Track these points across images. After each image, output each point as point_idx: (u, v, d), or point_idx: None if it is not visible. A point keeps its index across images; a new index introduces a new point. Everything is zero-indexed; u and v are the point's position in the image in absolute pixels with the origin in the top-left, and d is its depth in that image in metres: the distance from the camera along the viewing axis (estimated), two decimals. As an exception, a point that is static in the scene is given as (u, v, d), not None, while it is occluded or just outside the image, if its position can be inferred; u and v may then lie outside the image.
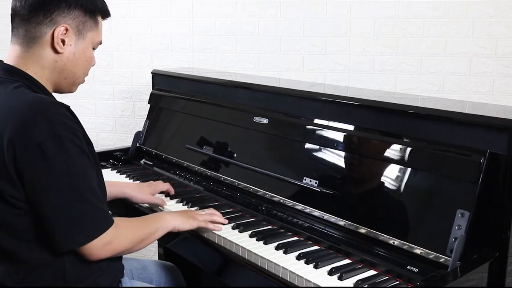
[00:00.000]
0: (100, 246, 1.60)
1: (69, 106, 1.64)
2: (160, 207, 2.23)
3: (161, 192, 2.36)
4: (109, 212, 1.69)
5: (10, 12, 1.75)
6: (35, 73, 1.70)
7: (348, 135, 2.03)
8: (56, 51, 1.70)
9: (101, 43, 1.85)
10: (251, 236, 1.93)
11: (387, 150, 1.89)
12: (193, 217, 1.95)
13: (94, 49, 1.82)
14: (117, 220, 1.67)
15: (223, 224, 2.00)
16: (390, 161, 1.87)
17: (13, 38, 1.72)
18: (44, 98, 1.62)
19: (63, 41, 1.70)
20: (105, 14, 1.84)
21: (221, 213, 2.08)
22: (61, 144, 1.53)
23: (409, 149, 1.84)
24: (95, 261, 1.63)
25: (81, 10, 1.72)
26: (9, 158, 1.51)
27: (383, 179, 1.89)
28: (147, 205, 2.29)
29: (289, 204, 2.11)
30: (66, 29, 1.69)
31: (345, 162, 2.02)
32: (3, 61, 1.74)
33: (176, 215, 1.92)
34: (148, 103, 3.05)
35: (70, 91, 1.83)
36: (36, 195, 1.54)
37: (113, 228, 1.63)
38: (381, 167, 1.91)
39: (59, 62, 1.72)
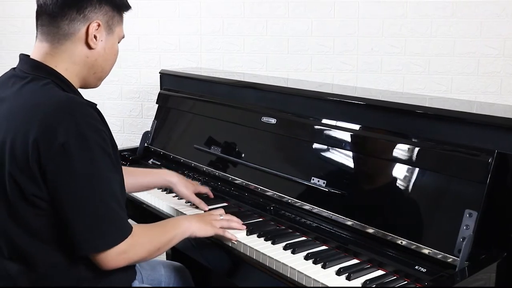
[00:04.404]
0: (114, 256, 1.57)
1: (96, 105, 1.65)
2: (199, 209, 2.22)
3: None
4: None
5: (18, 12, 1.74)
6: (65, 70, 1.69)
7: (356, 135, 2.03)
8: (89, 47, 1.70)
9: (124, 37, 1.86)
10: (259, 236, 1.93)
11: (395, 150, 1.89)
12: (210, 223, 1.91)
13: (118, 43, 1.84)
14: (135, 228, 1.64)
15: (241, 230, 1.98)
16: (398, 161, 1.87)
17: (39, 36, 1.71)
18: (73, 97, 1.61)
19: (95, 37, 1.70)
20: (127, 8, 1.85)
21: (228, 213, 2.08)
22: (86, 145, 1.52)
23: (417, 149, 1.84)
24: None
25: (110, 6, 1.73)
26: (34, 156, 1.51)
27: (390, 179, 1.89)
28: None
29: (297, 204, 2.11)
30: (98, 25, 1.70)
31: (353, 162, 2.03)
32: (28, 55, 1.73)
33: (194, 221, 1.89)
34: (156, 103, 3.06)
35: (95, 86, 1.84)
36: (57, 195, 1.53)
37: (130, 238, 1.60)
38: (389, 167, 1.91)
39: (90, 58, 1.72)
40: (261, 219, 2.11)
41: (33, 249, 1.59)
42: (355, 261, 1.77)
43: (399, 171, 1.87)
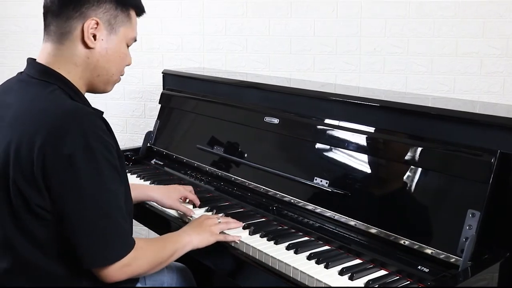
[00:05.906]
0: (117, 269, 1.56)
1: (103, 113, 1.62)
2: (188, 217, 2.17)
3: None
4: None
5: (21, 12, 1.73)
6: (68, 72, 1.65)
7: (359, 135, 2.03)
8: (87, 46, 1.65)
9: (135, 40, 1.80)
10: (262, 236, 1.93)
11: (398, 150, 1.89)
12: (209, 231, 1.91)
13: (128, 46, 1.78)
14: (137, 241, 1.63)
15: (239, 227, 2.00)
16: (401, 161, 1.87)
17: (45, 36, 1.69)
18: (80, 106, 1.58)
19: (94, 36, 1.65)
20: (139, 9, 1.80)
21: (231, 213, 2.10)
22: (93, 157, 1.50)
23: (419, 149, 1.84)
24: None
25: (112, 3, 1.68)
26: (39, 167, 1.48)
27: (393, 179, 1.89)
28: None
29: (299, 204, 2.11)
30: (97, 23, 1.65)
31: (355, 162, 2.02)
32: (35, 59, 1.70)
33: (194, 235, 1.88)
34: (159, 103, 3.06)
35: (104, 90, 1.78)
36: (61, 206, 1.51)
37: (133, 251, 1.58)
38: (392, 167, 1.91)
39: (91, 59, 1.68)
40: (263, 219, 2.11)
41: (37, 260, 1.56)
42: (357, 261, 1.77)
43: (402, 171, 1.86)
